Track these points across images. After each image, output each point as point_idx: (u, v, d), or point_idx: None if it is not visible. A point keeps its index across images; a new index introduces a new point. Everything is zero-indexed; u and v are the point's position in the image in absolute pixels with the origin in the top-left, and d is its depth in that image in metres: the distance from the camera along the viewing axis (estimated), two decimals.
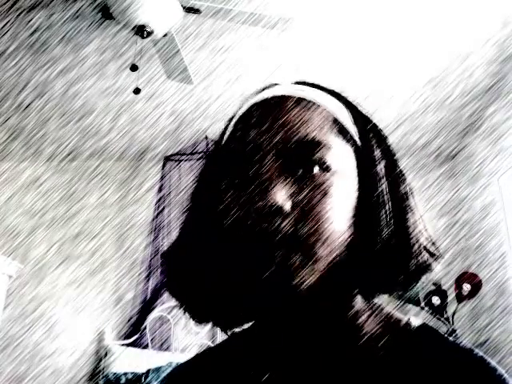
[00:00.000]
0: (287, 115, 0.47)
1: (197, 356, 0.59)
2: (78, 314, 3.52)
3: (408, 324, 0.52)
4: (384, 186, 0.49)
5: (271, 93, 0.51)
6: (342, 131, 0.50)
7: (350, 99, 0.54)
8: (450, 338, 0.50)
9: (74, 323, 3.49)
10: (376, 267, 0.46)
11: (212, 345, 3.30)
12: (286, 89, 0.51)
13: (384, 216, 0.47)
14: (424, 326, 0.52)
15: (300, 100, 0.49)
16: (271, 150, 0.45)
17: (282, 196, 0.43)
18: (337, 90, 0.55)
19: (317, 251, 0.43)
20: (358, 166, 0.50)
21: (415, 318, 0.54)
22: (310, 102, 0.50)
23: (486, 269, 3.08)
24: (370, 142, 0.51)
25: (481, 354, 0.48)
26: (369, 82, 2.93)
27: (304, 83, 0.54)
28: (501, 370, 0.47)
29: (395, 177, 0.51)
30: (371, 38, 2.58)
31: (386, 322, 0.52)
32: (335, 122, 0.49)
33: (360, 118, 0.53)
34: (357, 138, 0.51)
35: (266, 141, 0.46)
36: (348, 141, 0.50)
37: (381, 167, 0.50)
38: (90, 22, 2.49)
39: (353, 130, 0.51)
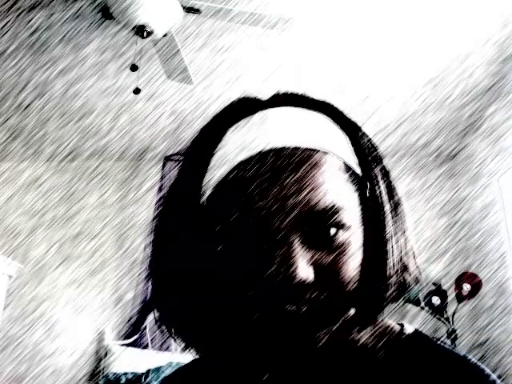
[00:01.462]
0: (297, 178, 0.42)
1: (196, 359, 0.59)
2: (78, 314, 3.52)
3: (401, 332, 0.52)
4: (387, 209, 0.48)
5: (266, 143, 0.44)
6: (350, 176, 0.47)
7: (338, 108, 0.50)
8: (446, 344, 0.51)
9: (74, 323, 3.49)
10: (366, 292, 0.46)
11: None
12: (283, 134, 0.45)
13: (391, 247, 0.47)
14: (416, 333, 0.52)
15: (304, 151, 0.44)
16: (285, 222, 0.42)
17: (303, 267, 0.41)
18: (321, 99, 0.50)
19: (337, 307, 0.44)
20: (360, 198, 0.48)
21: (409, 325, 0.54)
22: (315, 150, 0.45)
23: (486, 269, 3.08)
24: (370, 165, 0.49)
25: (475, 361, 0.48)
26: (369, 82, 2.93)
27: (287, 95, 0.50)
28: (494, 376, 0.47)
29: (393, 200, 0.50)
30: (371, 37, 2.58)
31: (379, 329, 0.52)
32: (345, 168, 0.47)
33: (353, 133, 0.50)
34: (358, 169, 0.49)
35: (279, 215, 0.42)
36: (353, 182, 0.48)
37: (383, 190, 0.49)
38: (90, 22, 2.49)
39: (354, 162, 0.48)
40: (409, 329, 0.53)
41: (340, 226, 0.43)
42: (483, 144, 3.24)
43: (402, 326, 0.53)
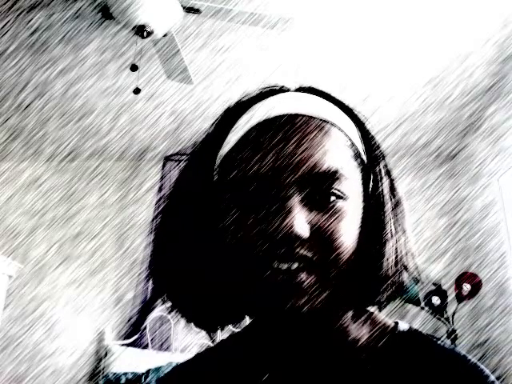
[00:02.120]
0: (305, 140, 0.45)
1: (195, 357, 0.59)
2: (78, 314, 3.52)
3: (395, 328, 0.53)
4: (388, 203, 0.50)
5: (281, 109, 0.48)
6: (355, 155, 0.50)
7: (350, 106, 0.53)
8: (445, 343, 0.51)
9: (74, 323, 3.49)
10: (364, 281, 0.48)
11: (212, 345, 3.30)
12: (297, 104, 0.49)
13: (389, 233, 0.49)
14: (411, 330, 0.53)
15: (315, 120, 0.48)
16: (290, 179, 0.44)
17: (300, 223, 0.43)
18: (338, 97, 0.53)
19: (330, 273, 0.44)
20: (363, 183, 0.50)
21: (404, 322, 0.54)
22: (326, 122, 0.48)
23: (486, 269, 3.08)
24: (375, 158, 0.52)
25: (473, 360, 0.49)
26: (369, 82, 2.93)
27: (308, 89, 0.53)
28: (493, 377, 0.47)
29: (393, 191, 0.52)
30: (371, 37, 2.58)
31: (374, 326, 0.53)
32: (351, 145, 0.49)
33: (363, 129, 0.53)
34: (364, 156, 0.51)
35: (286, 171, 0.44)
36: (357, 161, 0.50)
37: (385, 185, 0.51)
38: (90, 22, 2.49)
39: (361, 148, 0.51)
40: (403, 326, 0.53)
41: (340, 194, 0.45)
42: (483, 144, 3.24)
43: (396, 323, 0.54)
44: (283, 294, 0.43)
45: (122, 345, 3.26)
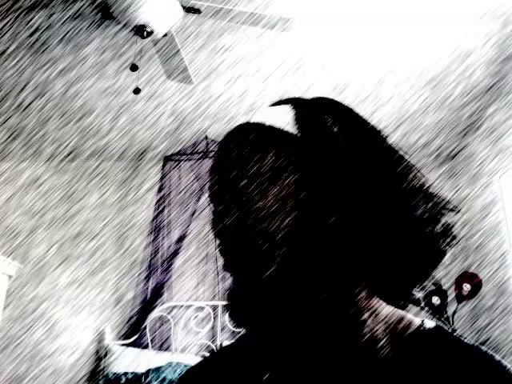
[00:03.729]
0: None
1: (208, 357, 0.59)
2: (78, 314, 3.52)
3: (421, 326, 0.54)
4: None
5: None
6: None
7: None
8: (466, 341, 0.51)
9: (74, 323, 3.49)
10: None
11: (212, 345, 3.30)
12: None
13: None
14: (437, 328, 0.54)
15: None
16: None
17: None
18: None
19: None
20: None
21: (429, 321, 0.55)
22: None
23: (486, 269, 3.08)
24: None
25: (498, 357, 0.50)
26: (369, 82, 2.93)
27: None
28: None
29: None
30: (371, 37, 2.58)
31: (397, 324, 0.54)
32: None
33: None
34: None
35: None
36: None
37: None
38: (90, 22, 2.49)
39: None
40: (429, 324, 0.55)
41: None
42: (483, 144, 3.23)
43: (422, 321, 0.56)
44: None
45: (122, 345, 3.26)
